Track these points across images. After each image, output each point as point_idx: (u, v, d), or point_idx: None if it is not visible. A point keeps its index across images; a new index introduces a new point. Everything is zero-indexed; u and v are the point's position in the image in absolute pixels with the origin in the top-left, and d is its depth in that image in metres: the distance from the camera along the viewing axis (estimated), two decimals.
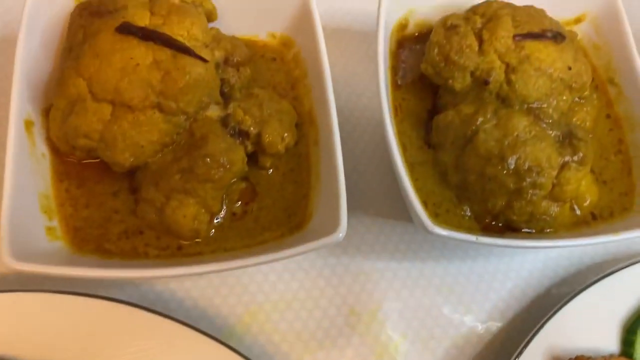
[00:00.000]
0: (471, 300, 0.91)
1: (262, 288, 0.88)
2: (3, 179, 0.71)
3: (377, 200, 0.95)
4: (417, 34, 0.94)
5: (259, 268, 0.89)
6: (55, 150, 0.79)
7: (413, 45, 0.93)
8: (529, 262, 0.94)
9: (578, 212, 0.86)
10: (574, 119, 0.88)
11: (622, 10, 0.94)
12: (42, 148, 0.78)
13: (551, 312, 0.83)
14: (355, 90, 1.01)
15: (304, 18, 0.87)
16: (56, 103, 0.75)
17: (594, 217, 0.86)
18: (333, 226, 0.72)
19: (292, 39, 0.90)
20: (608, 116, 0.94)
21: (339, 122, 0.94)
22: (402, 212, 0.93)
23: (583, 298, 0.85)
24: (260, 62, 0.90)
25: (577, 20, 0.98)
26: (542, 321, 0.83)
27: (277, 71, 0.90)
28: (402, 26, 0.93)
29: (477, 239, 0.76)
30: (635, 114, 0.91)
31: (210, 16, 0.85)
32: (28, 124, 0.76)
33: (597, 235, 0.79)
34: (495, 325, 0.90)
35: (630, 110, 0.92)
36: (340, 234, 0.72)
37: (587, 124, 0.89)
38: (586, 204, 0.85)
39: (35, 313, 0.73)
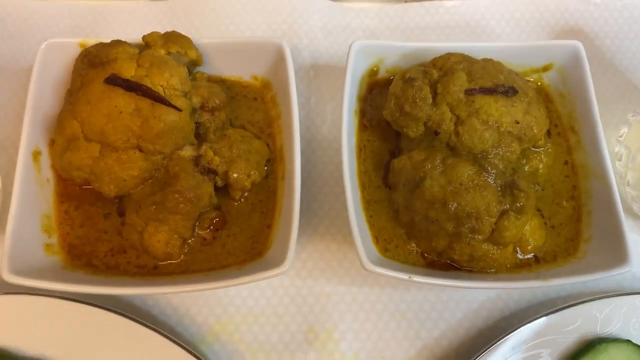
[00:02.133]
0: (421, 327, 0.99)
1: (233, 302, 1.00)
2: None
3: (345, 228, 1.04)
4: (390, 78, 1.01)
5: None
6: (59, 176, 0.93)
7: (382, 89, 1.00)
8: (482, 293, 1.01)
9: (520, 255, 0.92)
10: (527, 167, 0.94)
11: (586, 62, 0.98)
12: (47, 174, 0.92)
13: (489, 345, 0.91)
14: (327, 121, 1.09)
15: (280, 66, 0.96)
16: (56, 140, 0.88)
17: (537, 260, 0.92)
18: (283, 259, 0.83)
19: (270, 82, 1.00)
20: (566, 162, 0.99)
21: (308, 152, 1.05)
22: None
23: (521, 333, 0.91)
24: (243, 101, 1.01)
25: (545, 69, 1.02)
26: (480, 353, 0.90)
27: (257, 110, 1.00)
28: (373, 72, 1.01)
29: (409, 277, 0.84)
30: (590, 163, 0.95)
31: (196, 63, 0.96)
32: (36, 154, 0.90)
33: (527, 281, 0.86)
34: (441, 352, 0.98)
35: (586, 159, 0.96)
36: (286, 267, 0.82)
37: (540, 170, 0.95)
38: (529, 247, 0.91)
39: (25, 313, 0.87)
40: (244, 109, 1.00)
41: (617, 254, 0.86)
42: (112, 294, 0.83)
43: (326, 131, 1.10)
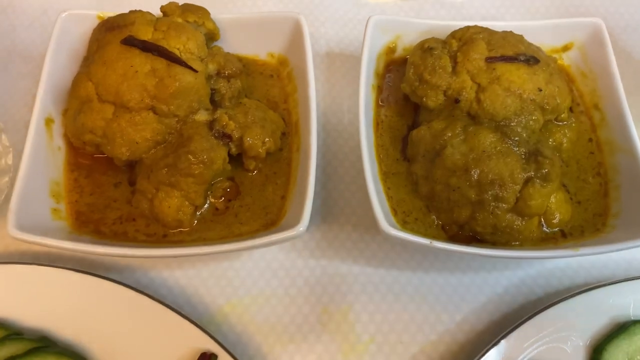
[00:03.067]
0: (443, 310, 0.94)
1: (244, 283, 0.95)
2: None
3: (360, 210, 1.00)
4: (406, 58, 1.01)
5: (244, 264, 0.96)
6: (70, 145, 0.91)
7: (400, 67, 0.99)
8: (506, 278, 0.96)
9: (546, 228, 0.88)
10: (550, 140, 0.91)
11: (607, 39, 0.97)
12: (59, 142, 0.91)
13: (513, 325, 0.85)
14: (341, 107, 1.08)
15: (297, 40, 0.96)
16: (70, 103, 0.87)
17: (563, 234, 0.88)
18: (297, 222, 0.79)
19: (287, 58, 0.99)
20: (590, 140, 0.96)
21: (323, 134, 1.03)
22: None
23: (548, 314, 0.86)
24: (259, 78, 1.00)
25: (565, 48, 1.01)
26: (503, 333, 0.85)
27: (273, 86, 0.99)
28: (391, 50, 1.00)
29: (430, 242, 0.80)
30: (616, 138, 0.93)
31: (213, 36, 0.96)
32: (48, 121, 0.89)
33: (553, 250, 0.81)
34: (464, 336, 0.92)
35: (611, 136, 0.94)
36: (302, 228, 0.79)
37: (564, 145, 0.92)
38: (555, 220, 0.87)
39: (33, 283, 0.84)
40: (260, 86, 0.99)
41: None
42: (119, 254, 0.80)
43: (341, 115, 1.08)
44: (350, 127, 1.05)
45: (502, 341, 0.84)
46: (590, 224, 0.89)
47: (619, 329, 0.86)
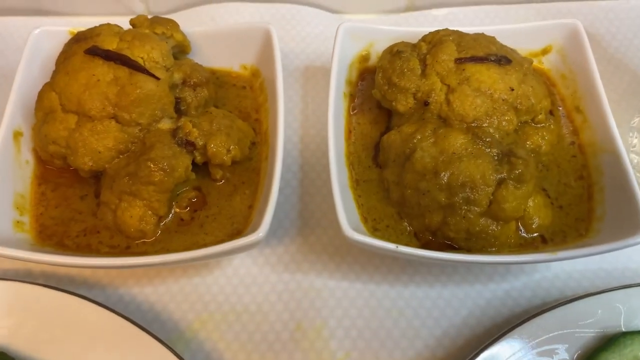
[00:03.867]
0: (421, 325, 0.89)
1: (216, 298, 0.92)
2: None
3: (335, 224, 0.96)
4: None
5: (216, 279, 0.93)
6: (39, 159, 0.91)
7: (373, 75, 0.97)
8: (490, 291, 0.91)
9: (525, 234, 0.83)
10: (528, 142, 0.87)
11: (586, 39, 0.94)
12: (27, 156, 0.90)
13: (493, 338, 0.80)
14: (320, 119, 1.06)
15: (267, 50, 0.95)
16: (36, 115, 0.87)
17: (544, 240, 0.83)
18: (258, 226, 0.77)
19: (259, 69, 0.98)
20: (572, 143, 0.92)
21: (300, 146, 1.01)
22: None
23: (531, 325, 0.81)
24: (232, 90, 0.99)
25: (544, 52, 0.98)
26: (481, 347, 0.80)
27: (245, 97, 0.98)
28: (364, 58, 0.98)
29: (397, 247, 0.76)
30: (599, 139, 0.89)
31: (183, 48, 0.96)
32: (17, 134, 0.89)
33: (530, 254, 0.77)
34: (444, 352, 0.87)
35: (593, 137, 0.90)
36: (261, 234, 0.76)
37: (543, 148, 0.88)
38: (534, 225, 0.82)
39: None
40: (232, 97, 0.98)
41: (631, 224, 0.76)
42: (78, 264, 0.77)
43: (320, 127, 1.06)
44: (317, 137, 1.03)
45: (481, 355, 0.79)
46: (572, 229, 0.84)
47: (609, 342, 0.80)
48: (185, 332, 0.90)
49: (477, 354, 0.79)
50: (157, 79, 0.84)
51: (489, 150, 0.81)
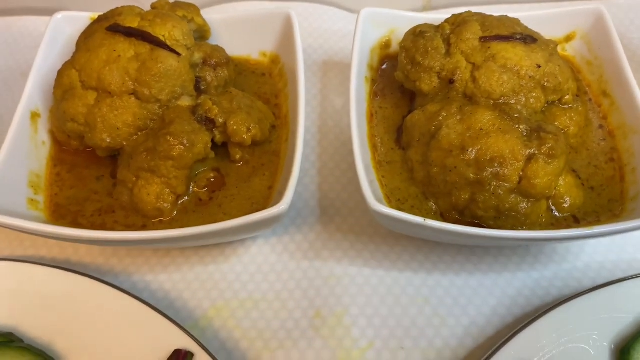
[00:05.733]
0: (448, 314, 0.85)
1: (232, 286, 0.89)
2: None
3: (357, 211, 0.94)
4: None
5: (233, 267, 0.90)
6: (56, 141, 0.89)
7: (395, 61, 0.96)
8: (519, 280, 0.87)
9: (557, 213, 0.80)
10: (556, 123, 0.85)
11: (611, 24, 0.92)
12: (44, 137, 0.89)
13: (523, 323, 0.76)
14: (338, 111, 1.05)
15: (287, 36, 0.94)
16: (54, 94, 0.86)
17: (576, 220, 0.80)
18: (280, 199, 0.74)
19: (279, 55, 0.97)
20: (601, 127, 0.90)
21: (319, 136, 1.00)
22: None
23: (564, 311, 0.77)
24: (251, 77, 0.98)
25: (568, 39, 0.97)
26: (513, 332, 0.76)
27: (265, 84, 0.97)
28: (385, 45, 0.97)
29: (424, 220, 0.73)
30: (628, 121, 0.86)
31: (203, 33, 0.96)
32: (34, 115, 0.88)
33: (563, 230, 0.73)
34: (472, 341, 0.82)
35: (622, 119, 0.87)
36: (283, 206, 0.73)
37: (571, 130, 0.86)
38: (565, 205, 0.79)
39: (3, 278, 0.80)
40: (252, 84, 0.97)
41: None
42: (92, 237, 0.74)
43: (338, 119, 1.04)
44: (347, 130, 1.00)
45: (512, 340, 0.75)
46: (606, 209, 0.81)
47: None
48: (200, 320, 0.86)
49: (510, 338, 0.75)
50: (179, 54, 0.83)
51: (517, 126, 0.78)
